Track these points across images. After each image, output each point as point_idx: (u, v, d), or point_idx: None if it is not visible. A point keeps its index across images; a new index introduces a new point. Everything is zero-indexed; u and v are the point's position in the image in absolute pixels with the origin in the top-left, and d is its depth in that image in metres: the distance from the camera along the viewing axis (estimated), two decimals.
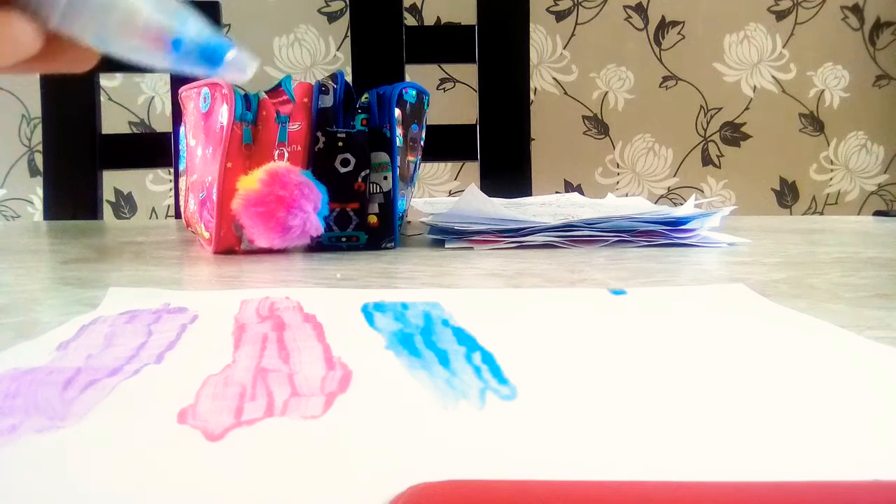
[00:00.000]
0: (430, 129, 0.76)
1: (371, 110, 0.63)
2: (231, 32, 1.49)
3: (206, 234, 0.62)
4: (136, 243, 0.71)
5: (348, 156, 0.61)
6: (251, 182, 0.56)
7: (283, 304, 0.39)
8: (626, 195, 1.45)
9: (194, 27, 0.21)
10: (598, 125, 1.57)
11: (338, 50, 1.52)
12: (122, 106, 1.52)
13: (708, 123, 1.58)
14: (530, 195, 1.07)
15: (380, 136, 0.62)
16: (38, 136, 1.50)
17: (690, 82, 1.56)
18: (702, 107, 1.57)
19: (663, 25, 1.55)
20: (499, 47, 1.13)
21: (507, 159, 1.14)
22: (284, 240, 0.56)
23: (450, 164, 1.56)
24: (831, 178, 1.61)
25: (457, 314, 0.36)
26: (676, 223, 0.68)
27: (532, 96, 1.46)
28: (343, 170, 0.61)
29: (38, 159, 1.51)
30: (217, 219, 0.59)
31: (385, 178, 0.63)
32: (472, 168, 1.22)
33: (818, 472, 0.18)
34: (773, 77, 1.57)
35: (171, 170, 1.35)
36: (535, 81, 1.54)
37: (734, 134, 1.58)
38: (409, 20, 1.50)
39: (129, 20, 0.20)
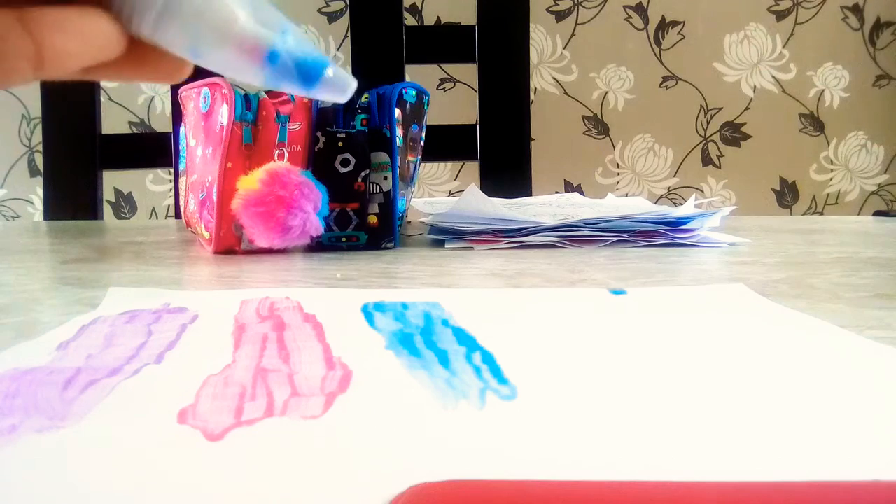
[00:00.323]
0: (430, 129, 0.76)
1: (371, 110, 0.63)
2: None
3: (206, 234, 0.62)
4: (136, 243, 0.71)
5: (348, 156, 0.61)
6: (251, 182, 0.56)
7: (283, 304, 0.39)
8: (626, 195, 1.45)
9: (293, 40, 0.20)
10: (598, 125, 1.57)
11: (338, 50, 1.52)
12: (122, 106, 1.52)
13: (708, 123, 1.58)
14: (530, 195, 1.07)
15: (380, 136, 0.62)
16: (38, 136, 1.50)
17: (690, 82, 1.56)
18: (702, 107, 1.57)
19: (663, 25, 1.55)
20: (499, 47, 1.13)
21: (507, 159, 1.14)
22: (284, 240, 0.56)
23: (450, 164, 1.56)
24: (831, 178, 1.61)
25: (457, 314, 0.36)
26: (676, 223, 0.68)
27: (532, 96, 1.46)
28: (343, 170, 0.61)
29: (38, 159, 1.51)
30: (217, 219, 0.59)
31: (385, 178, 0.63)
32: (472, 168, 1.22)
33: (818, 472, 0.18)
34: (773, 77, 1.57)
35: (171, 170, 1.35)
36: (535, 81, 1.54)
37: (734, 134, 1.58)
38: (409, 20, 1.50)
39: (226, 28, 0.19)
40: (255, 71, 0.20)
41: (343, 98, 0.21)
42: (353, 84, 0.21)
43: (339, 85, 0.20)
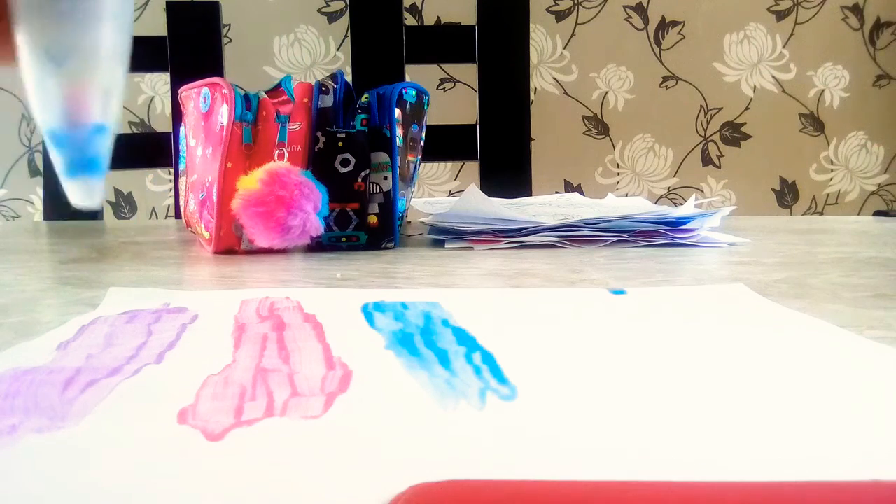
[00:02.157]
0: (430, 129, 0.76)
1: (371, 110, 0.63)
2: (231, 32, 1.50)
3: (206, 234, 0.62)
4: (136, 243, 0.71)
5: (348, 156, 0.61)
6: (251, 182, 0.56)
7: (283, 304, 0.39)
8: (626, 195, 1.45)
9: (106, 133, 0.19)
10: (598, 125, 1.57)
11: (338, 50, 1.52)
12: (122, 106, 1.52)
13: (708, 123, 1.58)
14: (530, 195, 1.07)
15: (380, 136, 0.62)
16: (38, 136, 1.50)
17: (690, 82, 1.56)
18: (702, 107, 1.57)
19: (663, 25, 1.55)
20: (499, 47, 1.13)
21: (507, 159, 1.14)
22: (284, 240, 0.56)
23: (450, 164, 1.56)
24: (831, 178, 1.61)
25: (457, 314, 0.36)
26: (676, 223, 0.68)
27: (532, 96, 1.46)
28: (343, 170, 0.61)
29: (38, 159, 1.51)
30: (217, 219, 0.59)
31: (385, 178, 0.63)
32: (472, 168, 1.22)
33: (818, 472, 0.18)
34: (774, 77, 1.57)
35: (171, 170, 1.35)
36: (535, 81, 1.54)
37: (734, 134, 1.58)
38: (409, 20, 1.51)
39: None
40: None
41: (81, 204, 0.21)
42: (97, 202, 0.21)
43: (87, 191, 0.20)
